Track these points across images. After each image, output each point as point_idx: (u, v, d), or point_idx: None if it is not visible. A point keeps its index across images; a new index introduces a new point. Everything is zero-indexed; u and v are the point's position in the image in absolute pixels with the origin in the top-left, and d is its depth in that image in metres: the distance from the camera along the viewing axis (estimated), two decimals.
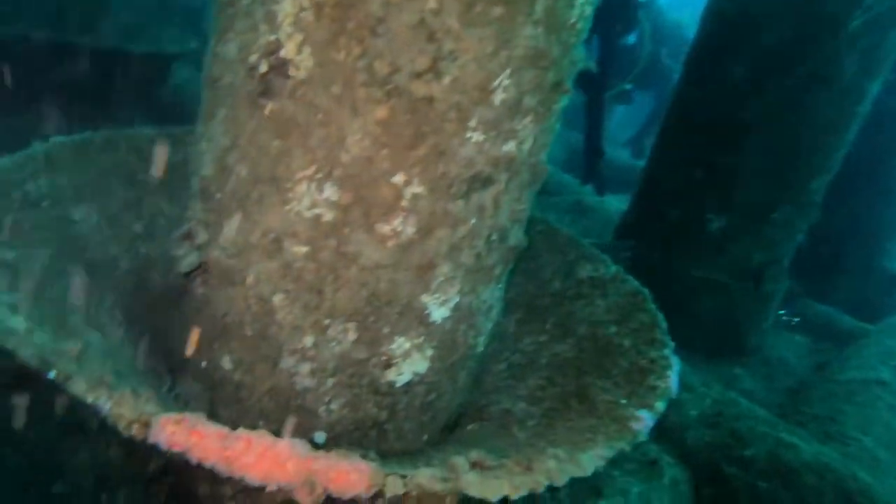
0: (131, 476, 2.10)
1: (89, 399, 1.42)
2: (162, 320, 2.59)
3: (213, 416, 2.31)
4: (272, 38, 1.77)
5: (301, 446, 1.46)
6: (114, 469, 2.27)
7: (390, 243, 1.93)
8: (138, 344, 2.42)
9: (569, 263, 2.97)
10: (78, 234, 2.46)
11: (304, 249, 1.96)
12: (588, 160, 8.08)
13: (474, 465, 1.71)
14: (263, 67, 1.82)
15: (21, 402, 2.03)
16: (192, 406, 2.29)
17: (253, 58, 1.84)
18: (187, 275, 2.16)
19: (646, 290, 2.79)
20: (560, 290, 2.93)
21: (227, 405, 2.29)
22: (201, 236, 2.16)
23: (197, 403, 2.32)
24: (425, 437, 2.47)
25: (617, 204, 7.84)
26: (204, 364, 2.31)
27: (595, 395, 2.34)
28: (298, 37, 1.74)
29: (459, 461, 1.70)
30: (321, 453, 1.50)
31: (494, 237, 2.12)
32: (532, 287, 3.05)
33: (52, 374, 1.46)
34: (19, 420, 2.05)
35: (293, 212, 1.92)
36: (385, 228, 1.90)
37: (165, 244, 2.81)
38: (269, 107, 1.84)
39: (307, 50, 1.74)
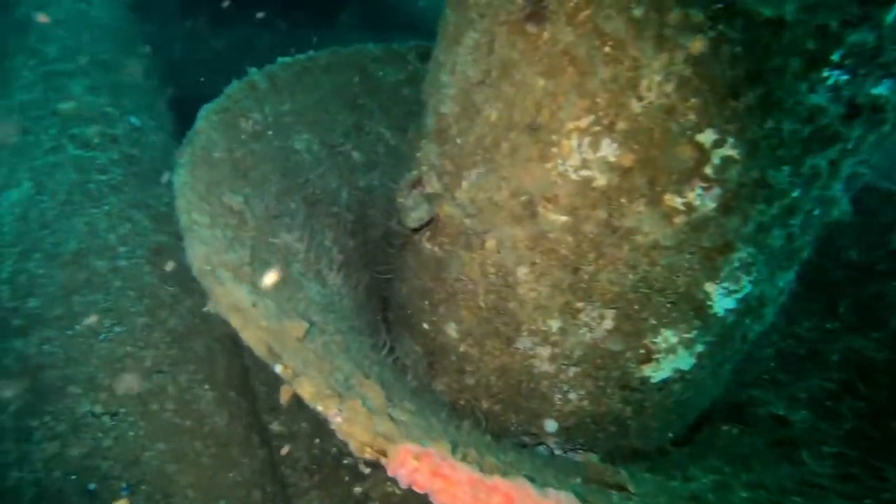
0: None
1: (317, 408, 1.18)
2: (380, 263, 2.36)
3: (432, 379, 2.09)
4: None
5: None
6: None
7: (679, 219, 1.46)
8: (355, 291, 2.21)
9: (880, 228, 2.27)
10: (300, 165, 2.26)
11: (563, 218, 1.55)
12: None
13: None
14: None
15: None
16: (410, 371, 2.06)
17: None
18: (416, 230, 1.86)
19: None
20: (862, 262, 2.26)
21: (447, 373, 2.03)
22: (434, 185, 1.83)
23: (415, 367, 2.08)
24: (670, 435, 2.06)
25: None
26: (426, 326, 2.05)
27: None
28: None
29: None
30: None
31: (817, 212, 1.56)
32: (817, 253, 2.40)
33: (277, 369, 1.23)
34: None
35: (555, 171, 1.50)
36: (676, 201, 1.43)
37: (386, 178, 2.57)
38: (539, 34, 1.40)
39: None
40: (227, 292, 1.36)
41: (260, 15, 4.91)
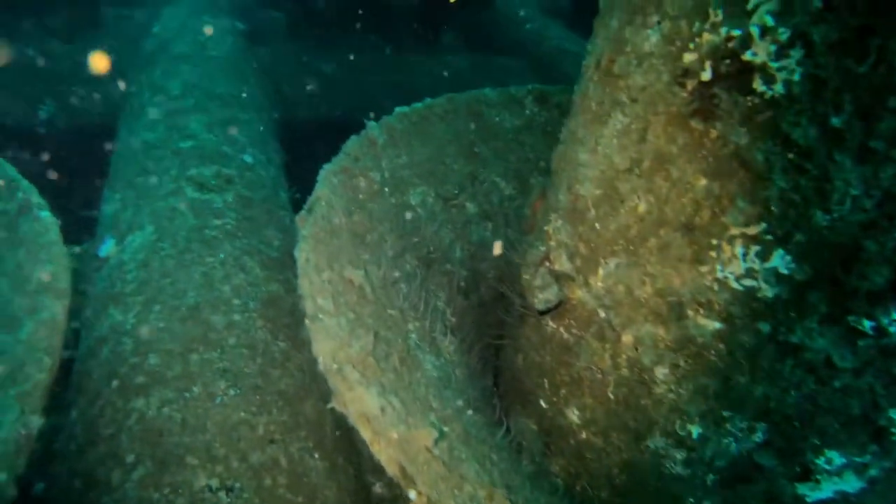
0: None
1: None
2: (492, 325, 2.26)
3: (547, 460, 1.97)
4: (735, 32, 1.15)
5: None
6: None
7: (864, 342, 1.28)
8: (468, 356, 2.12)
9: None
10: (415, 221, 2.19)
11: (716, 325, 1.39)
12: None
13: None
14: (706, 74, 1.22)
15: None
16: (526, 453, 1.94)
17: (690, 58, 1.24)
18: (543, 312, 1.74)
19: None
20: None
21: (564, 457, 1.91)
22: (563, 264, 1.71)
23: (531, 448, 1.97)
24: None
25: None
26: (543, 404, 1.93)
27: None
28: (783, 33, 1.09)
29: None
30: None
31: None
32: None
33: (412, 496, 1.15)
34: None
35: (712, 276, 1.35)
36: (864, 324, 1.25)
37: (500, 230, 2.47)
38: (706, 131, 1.25)
39: (796, 54, 1.09)
40: (356, 397, 1.29)
41: (363, 36, 4.92)
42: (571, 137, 1.67)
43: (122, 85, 4.09)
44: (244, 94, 3.61)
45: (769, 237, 1.25)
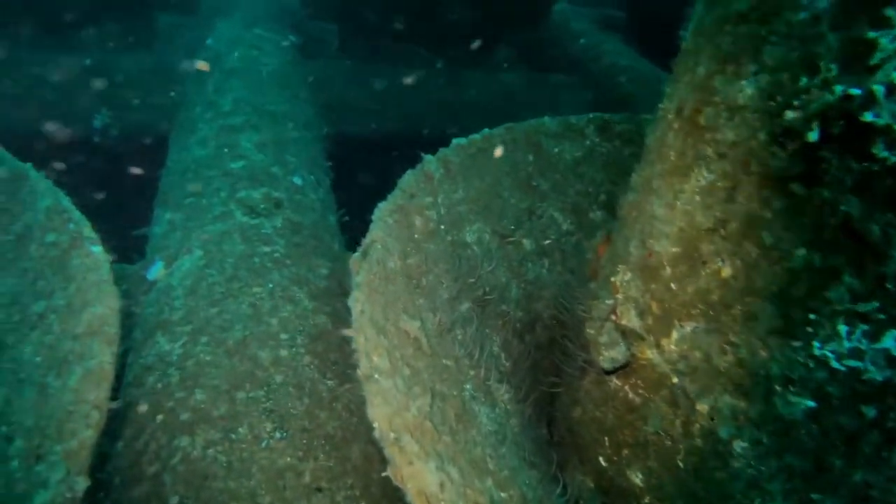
0: None
1: None
2: (547, 371, 2.16)
3: None
4: (853, 91, 1.03)
5: None
6: None
7: None
8: (523, 405, 2.02)
9: None
10: (471, 260, 2.09)
11: (809, 405, 1.27)
12: None
13: None
14: (812, 135, 1.09)
15: None
16: None
17: (792, 115, 1.12)
18: (609, 372, 1.63)
19: None
20: None
21: None
22: (632, 320, 1.60)
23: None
24: None
25: None
26: (603, 462, 1.82)
27: None
28: None
29: None
30: None
31: None
32: None
33: None
34: None
35: (807, 353, 1.23)
36: None
37: (556, 268, 2.36)
38: (808, 198, 1.13)
39: None
40: (414, 473, 1.21)
41: (415, 50, 4.86)
42: (645, 187, 1.56)
43: (175, 95, 4.11)
44: (295, 111, 3.57)
45: (882, 316, 1.12)
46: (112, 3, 4.88)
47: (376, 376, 1.37)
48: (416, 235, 1.90)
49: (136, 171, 3.68)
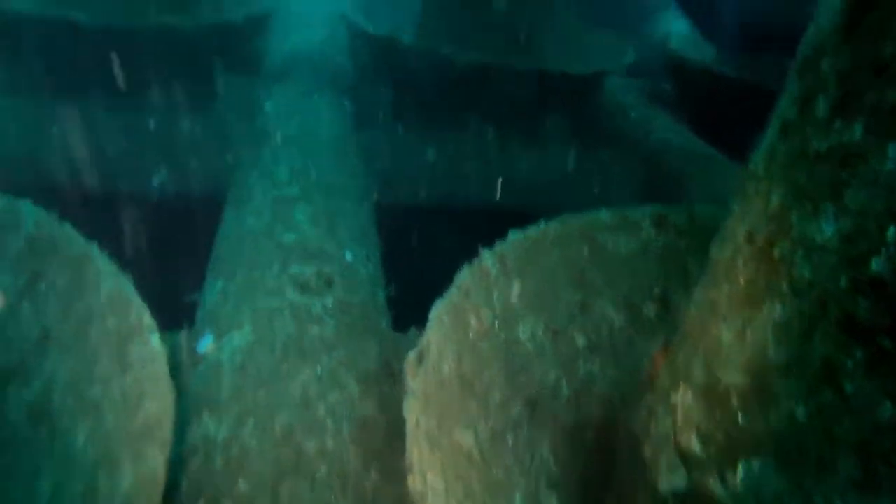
0: None
1: None
2: (597, 476, 2.08)
3: None
4: None
5: None
6: None
7: None
8: None
9: None
10: (523, 358, 2.06)
11: None
12: None
13: None
14: None
15: None
16: None
17: (879, 264, 1.08)
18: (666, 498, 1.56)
19: None
20: None
21: None
22: (694, 447, 1.53)
23: None
24: None
25: None
26: None
27: None
28: None
29: None
30: None
31: None
32: None
33: None
34: None
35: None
36: None
37: (607, 367, 2.31)
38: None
39: None
40: None
41: (468, 119, 4.92)
42: (712, 308, 1.52)
43: (232, 159, 4.22)
44: (349, 181, 3.63)
45: None
46: (178, 64, 5.09)
47: (430, 497, 1.34)
48: (470, 336, 1.88)
49: (190, 233, 3.77)
